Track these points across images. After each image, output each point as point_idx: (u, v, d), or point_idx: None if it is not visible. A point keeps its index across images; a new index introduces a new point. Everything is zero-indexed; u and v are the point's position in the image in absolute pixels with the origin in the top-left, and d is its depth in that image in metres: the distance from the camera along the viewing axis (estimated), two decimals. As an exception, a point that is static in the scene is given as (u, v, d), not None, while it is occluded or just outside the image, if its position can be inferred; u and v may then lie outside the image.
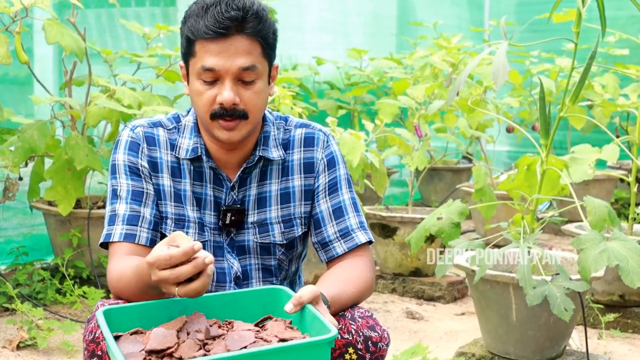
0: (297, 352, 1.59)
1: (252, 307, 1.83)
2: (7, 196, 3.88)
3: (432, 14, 7.36)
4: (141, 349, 1.62)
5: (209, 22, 1.91)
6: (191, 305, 1.77)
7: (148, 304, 1.77)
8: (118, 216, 2.00)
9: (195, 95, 1.98)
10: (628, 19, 6.92)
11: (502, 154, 7.57)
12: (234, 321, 1.78)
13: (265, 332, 1.70)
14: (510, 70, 2.89)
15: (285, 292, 1.80)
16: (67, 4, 4.17)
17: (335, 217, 2.11)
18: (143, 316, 1.72)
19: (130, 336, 1.67)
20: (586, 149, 3.41)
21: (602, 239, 2.73)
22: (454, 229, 3.03)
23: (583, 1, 2.77)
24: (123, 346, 1.63)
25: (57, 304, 3.86)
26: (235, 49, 1.92)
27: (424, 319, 3.96)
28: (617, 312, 3.69)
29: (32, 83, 4.67)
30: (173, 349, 1.61)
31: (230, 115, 1.95)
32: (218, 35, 1.91)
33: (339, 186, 2.13)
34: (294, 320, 1.76)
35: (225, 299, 1.83)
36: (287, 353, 1.58)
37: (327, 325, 1.63)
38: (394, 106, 4.57)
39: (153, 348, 1.61)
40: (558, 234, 5.80)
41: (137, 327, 1.71)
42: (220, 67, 1.92)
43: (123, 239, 1.98)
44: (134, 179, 2.03)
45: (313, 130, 2.15)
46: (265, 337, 1.67)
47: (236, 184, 2.08)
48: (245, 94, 1.96)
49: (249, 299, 1.84)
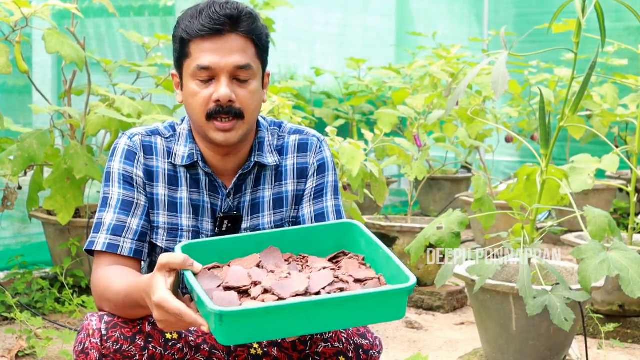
0: (378, 298, 1.63)
1: (325, 241, 1.87)
2: (6, 205, 3.88)
3: (431, 25, 7.38)
4: (218, 285, 1.69)
5: (204, 21, 1.93)
6: (267, 240, 1.84)
7: (224, 240, 1.85)
8: (104, 225, 2.00)
9: (190, 97, 1.98)
10: (624, 30, 6.94)
11: (501, 163, 7.57)
12: (308, 256, 1.84)
13: (340, 270, 1.75)
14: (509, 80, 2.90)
15: (358, 227, 1.85)
16: (67, 14, 4.17)
17: (317, 222, 2.11)
18: (220, 251, 1.77)
19: (208, 271, 1.73)
20: (586, 158, 3.41)
21: (602, 249, 2.72)
22: (454, 238, 3.02)
23: (583, 11, 2.78)
24: (201, 282, 1.68)
25: (56, 313, 3.85)
26: (230, 47, 1.94)
27: (423, 328, 3.95)
28: (616, 322, 3.68)
29: (31, 92, 4.68)
30: (249, 287, 1.67)
31: (227, 112, 1.95)
32: (213, 33, 1.93)
33: (324, 192, 2.13)
34: (367, 257, 1.81)
35: (300, 233, 1.88)
36: (369, 299, 1.62)
37: (404, 271, 1.67)
38: (393, 116, 4.57)
39: (230, 285, 1.68)
40: (557, 243, 5.79)
41: (215, 262, 1.78)
42: (216, 65, 1.94)
43: (106, 249, 1.98)
44: (126, 188, 2.03)
45: (307, 136, 2.16)
46: (341, 277, 1.72)
47: (232, 191, 2.08)
48: (241, 93, 1.97)
49: (323, 233, 1.88)
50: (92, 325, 1.86)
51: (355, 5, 7.33)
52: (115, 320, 1.88)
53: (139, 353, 1.88)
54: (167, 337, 1.93)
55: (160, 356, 1.92)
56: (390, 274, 1.72)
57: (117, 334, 1.86)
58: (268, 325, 1.57)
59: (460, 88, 2.95)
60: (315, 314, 1.59)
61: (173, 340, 1.94)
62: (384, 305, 1.64)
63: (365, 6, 7.39)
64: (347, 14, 7.21)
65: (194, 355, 1.98)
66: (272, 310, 1.56)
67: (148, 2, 5.37)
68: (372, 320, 1.67)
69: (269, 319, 1.57)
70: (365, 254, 1.82)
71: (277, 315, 1.57)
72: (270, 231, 1.88)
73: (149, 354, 1.90)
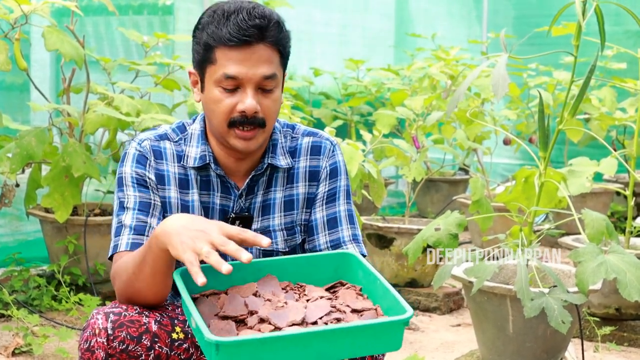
0: (376, 329, 1.64)
1: (323, 270, 1.88)
2: (3, 202, 3.87)
3: (430, 26, 7.38)
4: (216, 313, 1.71)
5: (232, 29, 1.89)
6: (265, 267, 1.84)
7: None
8: (125, 226, 1.99)
9: (213, 102, 1.96)
10: (623, 34, 6.95)
11: (499, 166, 7.58)
12: (305, 285, 1.84)
13: (337, 300, 1.76)
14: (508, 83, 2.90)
15: (355, 258, 1.86)
16: (66, 12, 4.17)
17: (329, 227, 2.10)
18: (218, 277, 1.75)
19: (205, 299, 1.75)
20: (584, 161, 3.42)
21: (599, 252, 2.73)
22: (452, 240, 3.03)
23: (583, 14, 2.78)
24: (199, 308, 1.70)
25: (53, 310, 3.85)
26: (258, 57, 1.92)
27: (419, 329, 3.95)
28: (613, 325, 3.69)
29: (29, 90, 4.67)
30: (246, 317, 1.69)
31: (251, 123, 1.94)
32: (242, 43, 1.90)
33: (337, 197, 2.12)
34: (364, 287, 1.81)
35: (298, 262, 1.88)
36: (367, 330, 1.63)
37: (401, 303, 1.67)
38: (391, 117, 4.57)
39: (227, 314, 1.70)
40: (554, 246, 5.79)
41: (212, 287, 1.79)
42: (244, 76, 1.91)
43: (130, 248, 1.96)
44: (141, 190, 2.02)
45: (320, 139, 2.15)
46: (338, 307, 1.73)
47: (244, 192, 2.07)
48: (265, 102, 1.95)
49: (321, 263, 1.89)
50: (98, 324, 1.85)
51: (354, 6, 7.33)
52: (122, 319, 1.87)
53: (145, 353, 1.88)
54: (173, 337, 1.92)
55: (167, 356, 1.91)
56: (387, 305, 1.72)
57: (123, 333, 1.85)
58: (264, 355, 1.58)
59: (460, 90, 2.95)
60: (312, 345, 1.60)
61: (179, 341, 1.93)
62: (381, 337, 1.65)
63: (365, 7, 7.39)
64: (346, 15, 7.22)
65: (200, 355, 1.97)
66: (269, 340, 1.58)
67: (147, 1, 5.37)
68: (368, 351, 1.68)
69: (265, 349, 1.58)
70: (362, 285, 1.83)
71: (273, 345, 1.58)
72: (269, 259, 1.89)
73: (155, 354, 1.89)
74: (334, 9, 7.11)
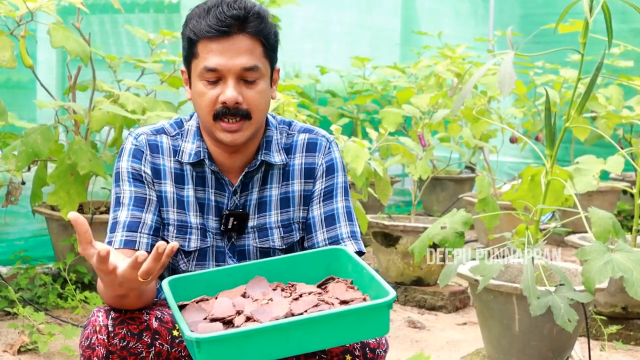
0: (356, 315, 1.63)
1: (314, 268, 1.88)
2: (9, 200, 3.87)
3: (436, 25, 7.37)
4: (204, 317, 1.72)
5: (211, 21, 1.92)
6: (254, 270, 1.84)
7: (211, 272, 1.86)
8: (119, 223, 2.00)
9: (198, 96, 1.98)
10: (630, 32, 6.93)
11: (505, 164, 7.56)
12: (296, 284, 1.84)
13: (327, 294, 1.77)
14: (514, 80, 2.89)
15: (344, 252, 1.86)
16: (72, 10, 4.17)
17: (327, 224, 2.09)
18: (208, 284, 1.78)
19: (195, 304, 1.76)
20: (591, 159, 3.41)
21: (606, 250, 2.72)
22: (458, 238, 3.02)
23: (590, 11, 2.77)
24: (187, 315, 1.71)
25: (59, 308, 3.85)
26: (238, 48, 1.93)
27: (425, 328, 3.95)
28: (619, 324, 3.68)
29: (35, 88, 4.68)
30: (233, 317, 1.69)
31: (234, 114, 1.94)
32: (220, 34, 1.92)
33: (334, 193, 2.11)
34: (354, 280, 1.81)
35: (287, 262, 1.89)
36: (347, 316, 1.63)
37: (384, 287, 1.67)
38: (398, 115, 4.57)
39: (215, 317, 1.71)
40: (560, 244, 5.78)
41: (203, 294, 1.80)
42: (223, 67, 1.93)
43: (123, 246, 1.97)
44: (137, 185, 2.03)
45: (316, 136, 2.14)
46: (327, 300, 1.73)
47: (238, 189, 2.07)
48: (248, 94, 1.96)
49: (311, 261, 1.89)
50: (98, 322, 1.86)
51: (361, 4, 7.31)
52: (122, 316, 1.88)
53: (145, 350, 1.88)
54: (174, 334, 1.93)
55: (167, 353, 1.91)
56: (375, 293, 1.72)
57: (123, 330, 1.86)
58: (248, 349, 1.58)
59: (467, 88, 2.94)
60: (295, 334, 1.60)
61: (180, 338, 1.93)
62: (365, 322, 1.64)
63: (371, 5, 7.38)
64: (352, 13, 7.20)
65: None
66: (249, 333, 1.58)
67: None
68: (354, 338, 1.68)
69: (247, 343, 1.58)
70: (353, 278, 1.82)
71: (254, 338, 1.58)
72: (258, 261, 1.89)
73: (155, 350, 1.89)
74: (340, 8, 7.10)
